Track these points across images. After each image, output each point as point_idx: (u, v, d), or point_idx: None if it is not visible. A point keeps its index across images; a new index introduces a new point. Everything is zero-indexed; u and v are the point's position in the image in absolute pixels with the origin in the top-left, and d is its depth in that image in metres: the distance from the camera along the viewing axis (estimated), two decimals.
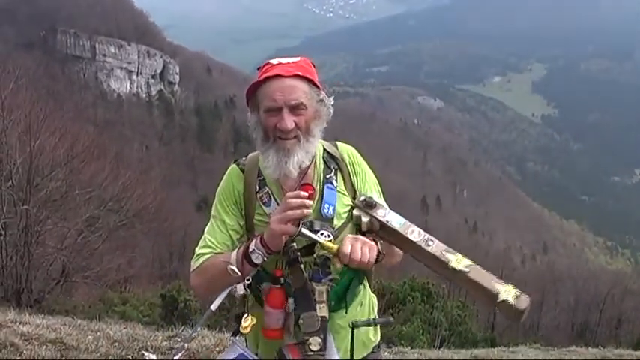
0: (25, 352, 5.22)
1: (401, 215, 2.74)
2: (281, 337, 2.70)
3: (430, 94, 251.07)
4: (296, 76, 2.59)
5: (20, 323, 6.32)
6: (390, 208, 2.77)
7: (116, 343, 5.95)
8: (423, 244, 2.64)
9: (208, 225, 2.89)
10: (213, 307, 2.76)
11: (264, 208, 2.75)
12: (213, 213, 2.89)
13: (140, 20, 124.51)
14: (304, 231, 2.60)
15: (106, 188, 22.51)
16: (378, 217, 2.70)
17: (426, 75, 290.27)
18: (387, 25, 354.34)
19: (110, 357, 5.56)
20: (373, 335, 3.04)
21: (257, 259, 2.60)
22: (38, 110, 20.87)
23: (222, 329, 8.09)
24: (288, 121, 2.59)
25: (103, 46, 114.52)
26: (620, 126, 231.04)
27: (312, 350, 2.56)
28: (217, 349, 5.75)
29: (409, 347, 8.79)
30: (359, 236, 2.64)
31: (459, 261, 2.62)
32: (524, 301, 2.51)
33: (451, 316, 19.60)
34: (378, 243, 2.69)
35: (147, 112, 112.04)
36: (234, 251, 2.68)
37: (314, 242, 2.64)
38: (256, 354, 2.88)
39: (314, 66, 2.72)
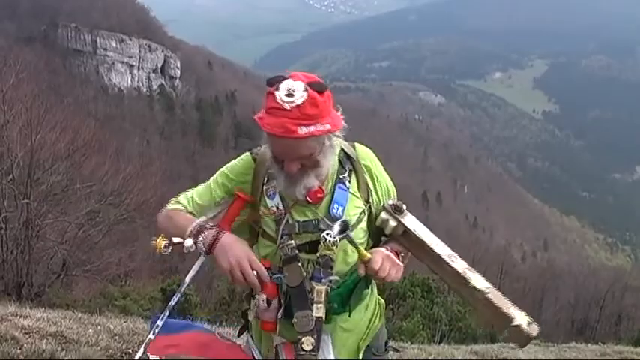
0: (25, 345, 5.22)
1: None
2: (274, 330, 2.68)
3: (431, 90, 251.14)
4: (299, 137, 2.46)
5: (21, 317, 6.32)
6: None
7: (117, 337, 5.96)
8: (447, 259, 2.66)
9: (203, 184, 2.96)
10: (188, 278, 2.98)
11: (267, 200, 2.73)
12: (211, 179, 2.95)
13: (141, 15, 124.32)
14: (343, 234, 2.57)
15: (106, 182, 22.49)
16: (405, 224, 2.70)
17: (427, 70, 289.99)
18: (389, 20, 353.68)
19: (110, 351, 5.56)
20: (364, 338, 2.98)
21: (191, 247, 2.65)
22: (39, 104, 20.86)
23: (222, 323, 8.11)
24: (292, 168, 2.55)
25: (104, 41, 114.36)
26: (620, 123, 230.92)
27: (304, 350, 2.53)
28: None
29: (409, 342, 8.80)
30: (390, 254, 2.63)
31: (478, 281, 2.64)
32: (535, 329, 2.59)
33: (451, 311, 19.62)
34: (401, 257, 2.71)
35: (148, 106, 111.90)
36: (193, 224, 2.69)
37: (317, 240, 2.61)
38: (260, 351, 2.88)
39: (322, 93, 2.50)
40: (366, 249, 2.69)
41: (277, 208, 2.70)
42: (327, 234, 2.58)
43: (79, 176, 21.06)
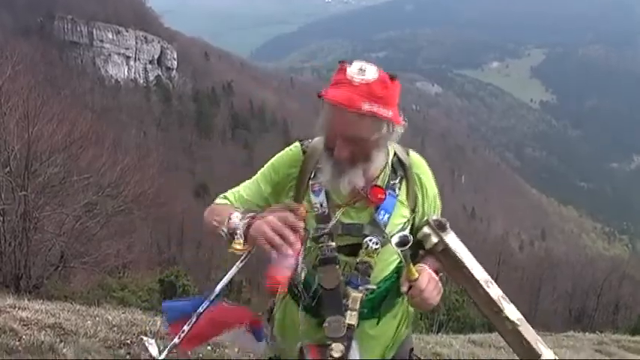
0: (24, 337, 5.23)
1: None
2: (282, 290, 2.43)
3: (428, 80, 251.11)
4: (360, 112, 2.35)
5: (19, 309, 6.32)
6: None
7: (115, 328, 5.96)
8: (483, 284, 2.62)
9: (250, 180, 2.82)
10: (218, 287, 2.68)
11: (312, 196, 2.60)
12: (259, 172, 2.79)
13: (137, 6, 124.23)
14: (396, 248, 2.49)
15: (104, 174, 22.45)
16: (447, 242, 2.65)
17: (424, 60, 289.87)
18: (385, 10, 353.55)
19: (109, 342, 5.57)
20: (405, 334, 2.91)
21: (225, 236, 2.50)
22: (36, 96, 20.80)
23: None
24: (343, 151, 2.42)
25: (100, 32, 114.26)
26: (618, 112, 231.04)
27: (332, 357, 2.46)
28: None
29: None
30: (435, 277, 2.54)
31: (512, 312, 2.61)
32: None
33: (449, 301, 19.66)
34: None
35: (144, 97, 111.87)
36: (235, 215, 2.52)
37: (359, 244, 2.53)
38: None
39: (393, 79, 2.46)
40: (402, 260, 2.60)
41: (321, 205, 2.58)
42: (370, 240, 2.51)
43: (77, 168, 21.01)
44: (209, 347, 5.58)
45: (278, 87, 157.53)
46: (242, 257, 2.55)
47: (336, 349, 2.45)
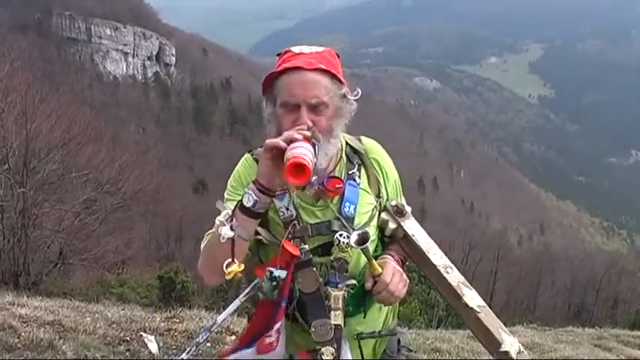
0: (23, 334, 5.22)
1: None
2: (309, 175, 2.26)
3: (426, 75, 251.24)
4: (318, 69, 2.36)
5: (18, 306, 6.32)
6: None
7: (114, 325, 5.96)
8: (442, 270, 2.56)
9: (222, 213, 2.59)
10: (220, 319, 2.63)
11: (276, 201, 2.51)
12: (225, 197, 2.66)
13: (135, 2, 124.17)
14: (355, 246, 2.38)
15: (102, 170, 22.45)
16: (405, 227, 2.59)
17: (422, 56, 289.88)
18: (384, 5, 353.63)
19: (108, 338, 5.56)
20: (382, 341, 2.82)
21: (248, 201, 2.35)
22: (34, 93, 20.80)
23: (219, 310, 8.11)
24: (307, 120, 2.36)
25: (98, 28, 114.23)
26: (616, 107, 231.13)
27: None
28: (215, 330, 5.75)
29: (406, 328, 8.81)
30: (399, 269, 2.50)
31: (473, 298, 2.54)
32: (525, 357, 2.50)
33: None
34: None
35: (143, 94, 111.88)
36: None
37: (331, 242, 2.46)
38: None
39: (338, 57, 2.50)
40: (377, 248, 2.62)
41: (287, 208, 2.52)
42: (341, 235, 2.44)
43: (75, 164, 21.02)
44: (208, 344, 5.57)
45: None
46: (246, 292, 2.52)
47: (327, 352, 2.39)
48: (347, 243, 2.43)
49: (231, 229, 2.38)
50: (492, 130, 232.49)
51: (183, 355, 2.63)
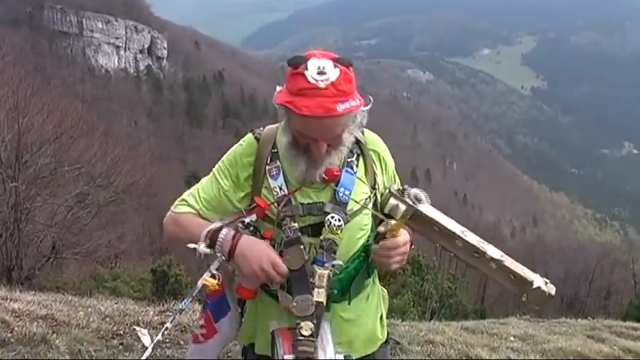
0: (16, 328, 5.21)
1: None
2: (252, 297, 2.63)
3: (420, 67, 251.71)
4: (337, 115, 2.38)
5: (11, 300, 6.30)
6: None
7: (107, 319, 5.95)
8: (461, 234, 2.62)
9: (207, 178, 2.79)
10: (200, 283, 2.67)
11: (270, 180, 2.61)
12: (214, 170, 2.78)
13: None
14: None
15: (95, 164, 22.42)
16: (416, 207, 2.62)
17: (415, 48, 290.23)
18: None
19: (101, 332, 5.55)
20: (380, 332, 2.89)
21: (217, 260, 2.52)
22: (26, 87, 20.75)
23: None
24: (322, 149, 2.46)
25: (90, 22, 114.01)
26: (609, 98, 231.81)
27: (302, 335, 2.43)
28: None
29: (400, 320, 8.80)
30: (408, 247, 2.59)
31: (493, 251, 2.64)
32: (552, 288, 2.64)
33: (441, 288, 19.68)
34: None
35: (135, 87, 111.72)
36: (207, 229, 2.54)
37: (321, 223, 2.54)
38: (252, 346, 2.79)
39: (350, 65, 2.47)
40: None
41: (280, 188, 2.60)
42: (332, 217, 2.52)
43: (67, 158, 20.97)
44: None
45: (269, 75, 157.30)
46: (217, 261, 2.56)
47: (306, 327, 2.43)
48: (338, 225, 2.51)
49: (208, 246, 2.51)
50: (485, 122, 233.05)
51: (168, 324, 2.68)
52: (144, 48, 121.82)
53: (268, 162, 2.64)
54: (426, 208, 2.64)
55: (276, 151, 2.65)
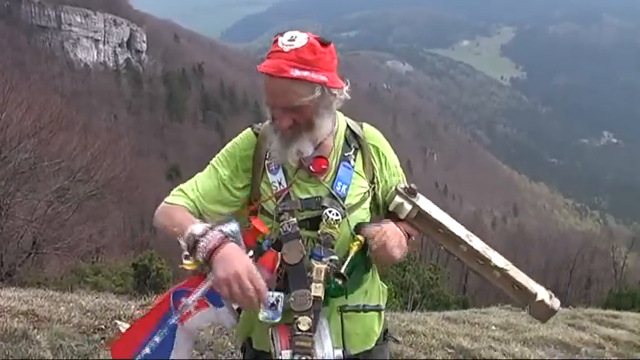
0: None
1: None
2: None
3: (399, 59, 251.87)
4: (287, 78, 2.36)
5: None
6: None
7: (89, 314, 5.92)
8: (466, 239, 2.59)
9: (204, 170, 2.72)
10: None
11: (269, 175, 2.60)
12: (213, 161, 2.72)
13: None
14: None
15: (74, 159, 22.29)
16: (421, 206, 2.60)
17: (394, 39, 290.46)
18: None
19: (83, 327, 5.53)
20: (377, 327, 2.84)
21: (198, 251, 2.36)
22: (4, 82, 20.63)
23: None
24: (283, 121, 2.43)
25: (68, 16, 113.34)
26: (587, 88, 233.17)
27: (300, 330, 2.41)
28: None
29: None
30: (399, 231, 2.53)
31: (498, 259, 2.59)
32: (557, 303, 2.60)
33: (423, 279, 19.77)
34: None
35: (115, 81, 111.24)
36: (192, 227, 2.39)
37: (319, 217, 2.51)
38: (250, 341, 2.76)
39: (326, 44, 2.47)
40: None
41: (279, 182, 2.58)
42: (330, 211, 2.50)
43: (47, 153, 20.86)
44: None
45: (249, 68, 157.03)
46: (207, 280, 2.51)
47: (303, 322, 2.41)
48: (335, 220, 2.49)
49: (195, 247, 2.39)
50: (465, 112, 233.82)
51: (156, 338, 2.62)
52: (123, 41, 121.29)
53: (267, 157, 2.62)
54: (432, 209, 2.62)
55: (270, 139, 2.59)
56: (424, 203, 2.63)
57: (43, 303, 6.16)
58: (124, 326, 5.52)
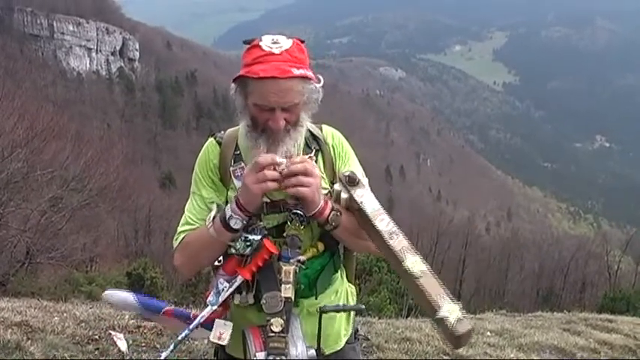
0: None
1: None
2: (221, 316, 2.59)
3: (392, 65, 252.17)
4: (292, 77, 2.40)
5: None
6: None
7: (83, 324, 5.90)
8: (385, 235, 2.49)
9: (188, 202, 2.75)
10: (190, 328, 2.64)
11: (235, 182, 2.62)
12: (192, 189, 2.75)
13: None
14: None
15: (67, 167, 22.29)
16: (355, 195, 2.55)
17: (387, 45, 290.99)
18: None
19: (77, 338, 5.51)
20: (345, 327, 2.87)
21: (236, 224, 2.46)
22: None
23: (189, 306, 8.08)
24: (280, 121, 2.46)
25: (60, 24, 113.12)
26: (580, 92, 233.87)
27: (273, 332, 2.42)
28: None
29: (376, 317, 8.81)
30: (318, 175, 2.50)
31: (414, 264, 2.43)
32: (464, 327, 2.29)
33: None
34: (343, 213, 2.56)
35: (107, 89, 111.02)
36: (212, 220, 2.52)
37: (285, 222, 2.53)
38: (222, 346, 2.77)
39: (303, 44, 2.54)
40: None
41: None
42: (294, 213, 2.50)
43: (40, 162, 20.83)
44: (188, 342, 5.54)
45: None
46: (229, 290, 2.56)
47: (276, 323, 2.43)
48: (301, 221, 2.51)
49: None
50: (458, 118, 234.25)
51: (163, 355, 2.64)
52: (115, 50, 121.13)
53: (232, 164, 2.65)
54: (366, 201, 2.56)
55: (239, 152, 2.66)
56: (360, 193, 2.58)
57: (36, 314, 6.14)
58: (118, 336, 5.50)
